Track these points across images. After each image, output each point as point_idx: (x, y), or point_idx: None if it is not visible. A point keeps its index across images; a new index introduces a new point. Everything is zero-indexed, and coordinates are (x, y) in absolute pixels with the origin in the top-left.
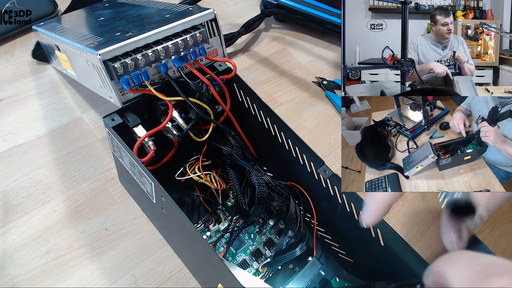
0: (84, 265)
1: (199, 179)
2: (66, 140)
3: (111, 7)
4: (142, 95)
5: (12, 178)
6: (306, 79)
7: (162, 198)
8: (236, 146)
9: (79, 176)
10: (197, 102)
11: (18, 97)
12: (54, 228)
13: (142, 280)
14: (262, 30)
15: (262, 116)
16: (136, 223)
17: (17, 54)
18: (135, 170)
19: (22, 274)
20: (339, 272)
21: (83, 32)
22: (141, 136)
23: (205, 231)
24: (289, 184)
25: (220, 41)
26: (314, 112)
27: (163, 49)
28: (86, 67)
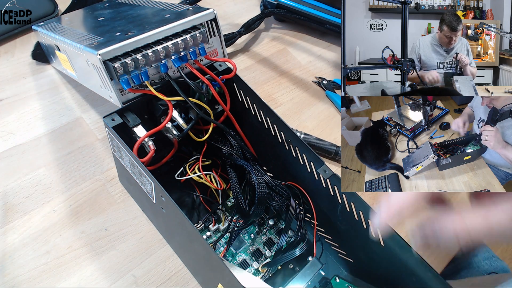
0: (84, 265)
1: (199, 179)
2: (66, 140)
3: (111, 7)
4: (142, 95)
5: (12, 178)
6: (306, 79)
7: (162, 198)
8: (236, 146)
9: (79, 176)
10: (197, 102)
11: (18, 97)
12: (54, 228)
13: (142, 280)
14: (262, 30)
15: (262, 116)
16: (136, 223)
17: (17, 54)
18: (135, 170)
19: (22, 274)
20: (339, 272)
21: (83, 32)
22: (141, 136)
23: (205, 231)
24: (289, 184)
25: (220, 41)
26: (314, 112)
27: (163, 49)
28: (86, 67)
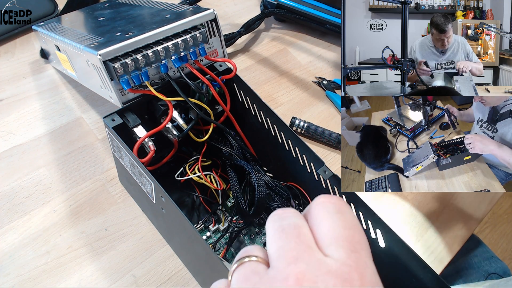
0: (84, 265)
1: (199, 180)
2: (66, 140)
3: (111, 7)
4: (142, 95)
5: (12, 178)
6: (306, 79)
7: (162, 198)
8: (236, 147)
9: (79, 176)
10: (197, 102)
11: (18, 97)
12: (54, 228)
13: (142, 280)
14: (262, 30)
15: (262, 117)
16: (136, 223)
17: (17, 54)
18: (135, 170)
19: (22, 274)
20: None
21: (83, 32)
22: (141, 137)
23: (205, 232)
24: (289, 184)
25: (220, 41)
26: (314, 112)
27: (163, 49)
28: (86, 67)
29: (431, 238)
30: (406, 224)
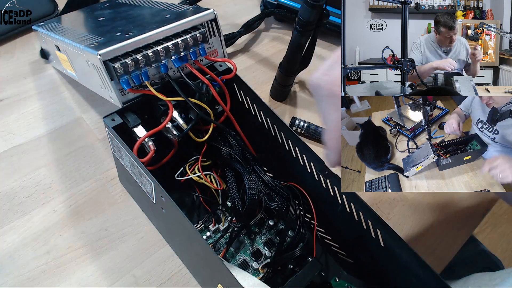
0: (84, 265)
1: (199, 179)
2: (66, 140)
3: (111, 7)
4: (142, 95)
5: (12, 178)
6: (306, 79)
7: (162, 198)
8: (236, 147)
9: (79, 176)
10: (197, 102)
11: (18, 97)
12: (54, 228)
13: (142, 280)
14: (262, 30)
15: (262, 117)
16: (136, 223)
17: (17, 54)
18: (135, 170)
19: (22, 274)
20: (339, 272)
21: (83, 32)
22: (141, 136)
23: (205, 232)
24: (289, 184)
25: (220, 41)
26: (314, 112)
27: (163, 49)
28: (86, 67)
29: (431, 238)
30: (406, 224)
